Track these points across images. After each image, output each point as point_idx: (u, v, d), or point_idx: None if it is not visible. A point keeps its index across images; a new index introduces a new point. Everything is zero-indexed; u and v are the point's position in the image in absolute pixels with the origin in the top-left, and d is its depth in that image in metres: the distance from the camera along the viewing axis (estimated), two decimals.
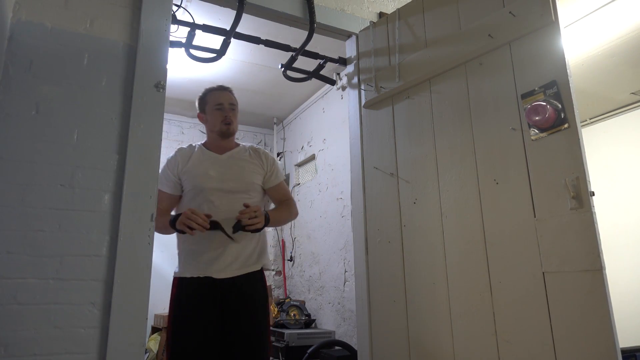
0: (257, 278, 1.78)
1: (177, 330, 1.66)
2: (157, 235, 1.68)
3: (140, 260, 1.58)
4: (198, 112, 1.95)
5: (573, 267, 1.34)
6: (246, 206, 1.69)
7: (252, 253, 1.78)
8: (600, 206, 1.63)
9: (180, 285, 1.73)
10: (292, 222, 3.90)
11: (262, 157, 1.92)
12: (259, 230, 1.72)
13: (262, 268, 1.81)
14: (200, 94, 1.94)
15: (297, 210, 2.01)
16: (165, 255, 3.85)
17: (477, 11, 1.75)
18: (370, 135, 2.18)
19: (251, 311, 1.72)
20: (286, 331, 3.32)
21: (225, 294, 1.69)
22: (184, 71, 3.42)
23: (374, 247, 2.07)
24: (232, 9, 2.09)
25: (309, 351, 2.97)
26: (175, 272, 1.79)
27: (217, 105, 1.86)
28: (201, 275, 1.70)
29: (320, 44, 2.61)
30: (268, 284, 1.90)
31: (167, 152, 1.73)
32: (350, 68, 2.38)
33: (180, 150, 1.88)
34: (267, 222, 1.75)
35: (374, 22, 2.29)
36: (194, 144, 1.92)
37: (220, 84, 1.99)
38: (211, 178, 1.78)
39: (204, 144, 1.91)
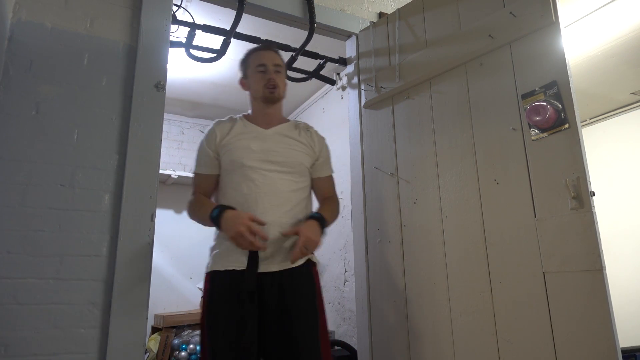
0: (303, 272, 1.51)
1: (209, 332, 1.43)
2: (157, 235, 1.68)
3: (140, 260, 1.58)
4: (240, 77, 1.71)
5: (573, 267, 1.34)
6: (285, 235, 1.47)
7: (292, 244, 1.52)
8: (601, 206, 1.63)
9: (213, 280, 1.48)
10: None
11: (314, 138, 1.67)
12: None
13: (309, 260, 1.55)
14: (242, 57, 1.71)
15: (339, 211, 1.74)
16: (166, 255, 3.86)
17: (478, 11, 1.75)
18: (370, 135, 2.18)
19: (297, 312, 1.45)
20: None
21: (265, 290, 1.45)
22: (184, 71, 3.41)
23: (374, 247, 2.07)
24: (232, 9, 2.09)
25: None
26: (207, 267, 1.54)
27: (259, 67, 1.62)
28: (237, 268, 1.45)
29: (320, 44, 2.61)
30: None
31: (167, 152, 1.68)
32: (350, 68, 2.38)
33: (218, 122, 1.64)
34: (324, 229, 1.53)
35: (374, 22, 2.29)
36: (234, 116, 1.67)
37: (267, 40, 1.75)
38: (253, 153, 1.54)
39: (245, 116, 1.67)
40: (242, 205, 1.48)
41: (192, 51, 2.26)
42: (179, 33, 2.12)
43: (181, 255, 3.85)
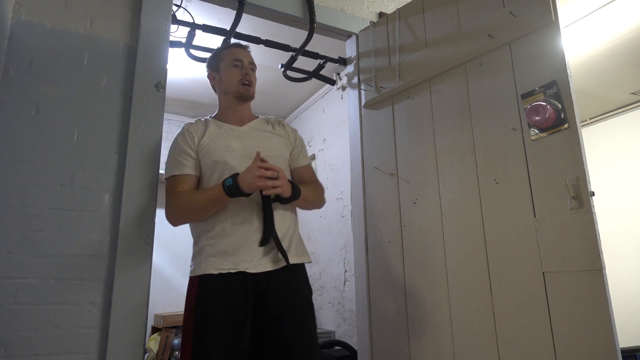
0: (298, 270, 1.49)
1: (198, 337, 1.35)
2: (157, 235, 1.68)
3: (140, 260, 1.58)
4: (208, 72, 1.66)
5: (573, 267, 1.34)
6: (262, 161, 1.38)
7: (289, 242, 1.49)
8: (601, 206, 1.63)
9: (202, 283, 1.40)
10: None
11: (287, 130, 1.66)
12: (288, 200, 1.45)
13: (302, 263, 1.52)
14: (213, 52, 1.67)
15: (324, 198, 1.70)
16: (166, 255, 3.86)
17: (477, 11, 1.75)
18: (370, 135, 2.18)
19: (295, 313, 1.42)
20: None
21: (260, 291, 1.41)
22: (184, 71, 3.41)
23: (374, 247, 2.07)
24: (232, 9, 2.09)
25: None
26: (190, 271, 1.46)
27: (235, 61, 1.58)
28: (232, 271, 1.39)
29: (320, 44, 2.61)
30: None
31: (167, 152, 1.63)
32: (350, 68, 2.38)
33: (188, 125, 1.57)
34: (297, 193, 1.46)
35: (374, 22, 2.29)
36: (202, 118, 1.61)
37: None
38: (235, 151, 1.50)
39: (216, 117, 1.62)
40: (230, 204, 1.44)
41: (192, 51, 2.26)
42: (179, 33, 2.12)
43: (181, 255, 3.84)
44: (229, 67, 1.59)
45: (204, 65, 1.74)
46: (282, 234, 1.47)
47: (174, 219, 1.51)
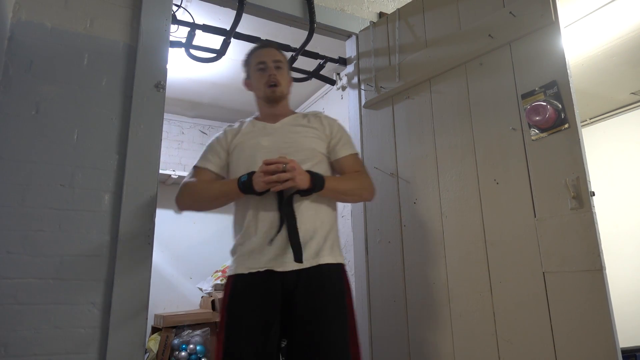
0: (332, 270, 1.41)
1: (230, 337, 1.34)
2: (157, 235, 1.67)
3: (140, 260, 1.58)
4: (244, 78, 1.67)
5: (573, 267, 1.34)
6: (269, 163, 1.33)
7: (322, 241, 1.42)
8: (601, 206, 1.63)
9: (234, 283, 1.41)
10: None
11: (323, 122, 1.58)
12: (307, 192, 1.38)
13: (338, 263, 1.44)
14: (244, 57, 1.67)
15: (374, 187, 1.56)
16: (165, 255, 3.86)
17: (477, 11, 1.75)
18: (370, 135, 2.18)
19: (323, 314, 1.35)
20: None
21: (289, 291, 1.37)
22: (184, 71, 3.41)
23: (374, 247, 2.07)
24: (232, 9, 2.08)
25: None
26: (228, 270, 1.46)
27: (259, 65, 1.57)
28: (261, 270, 1.37)
29: (320, 44, 2.61)
30: None
31: (167, 152, 1.65)
32: (350, 68, 2.38)
33: (228, 126, 1.61)
34: (318, 183, 1.38)
35: (374, 22, 2.29)
36: (244, 119, 1.63)
37: (266, 39, 1.68)
38: (264, 148, 1.47)
39: (255, 117, 1.63)
40: (258, 202, 1.41)
41: (192, 51, 2.26)
42: (179, 33, 2.12)
43: (181, 255, 3.84)
44: (255, 72, 1.59)
45: (204, 65, 1.74)
46: (312, 231, 1.40)
47: (182, 202, 1.50)
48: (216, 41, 2.25)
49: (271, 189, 1.34)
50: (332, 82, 3.00)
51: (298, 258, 1.36)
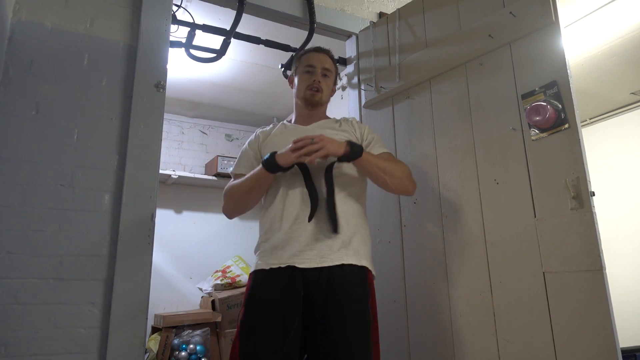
0: (355, 272, 1.39)
1: (246, 333, 1.34)
2: (157, 235, 1.67)
3: (140, 260, 1.58)
4: (290, 74, 1.70)
5: (573, 267, 1.34)
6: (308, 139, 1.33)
7: (347, 240, 1.41)
8: (601, 206, 1.63)
9: (255, 278, 1.41)
10: None
11: (354, 125, 1.62)
12: (346, 158, 1.37)
13: (363, 265, 1.42)
14: (298, 54, 1.71)
15: (415, 181, 1.56)
16: (165, 255, 3.85)
17: (478, 11, 1.75)
18: None
19: (341, 315, 1.32)
20: None
21: (310, 288, 1.35)
22: (184, 71, 3.41)
23: (374, 247, 2.06)
24: (232, 9, 2.09)
25: None
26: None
27: (307, 67, 1.60)
28: (282, 265, 1.36)
29: (320, 44, 2.59)
30: None
31: (167, 152, 1.66)
32: (350, 68, 2.38)
33: (262, 127, 1.65)
34: (356, 149, 1.37)
35: (374, 22, 2.29)
36: (276, 123, 1.67)
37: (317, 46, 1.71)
38: None
39: (288, 120, 1.68)
40: (285, 204, 1.43)
41: (192, 51, 2.26)
42: (179, 33, 2.11)
43: (181, 255, 3.84)
44: (302, 73, 1.61)
45: (204, 65, 1.75)
46: (343, 227, 1.40)
47: (227, 208, 1.55)
48: (216, 41, 2.25)
49: (305, 161, 1.34)
50: None
51: (335, 228, 1.37)
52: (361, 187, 1.56)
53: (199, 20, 2.27)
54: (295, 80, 1.64)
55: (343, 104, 3.59)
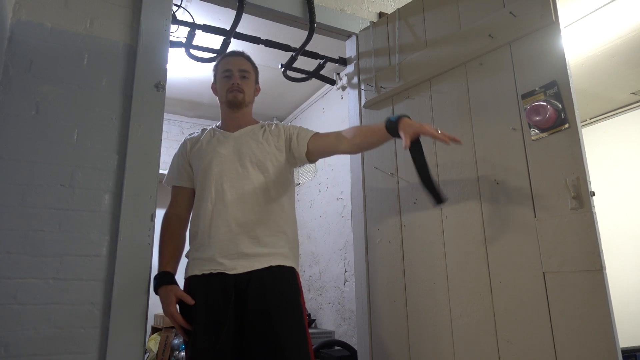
0: (283, 272, 1.48)
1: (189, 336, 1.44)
2: (157, 235, 1.67)
3: (140, 260, 1.58)
4: (212, 83, 1.75)
5: (573, 267, 1.34)
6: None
7: (274, 245, 1.50)
8: (601, 206, 1.63)
9: (190, 285, 1.50)
10: None
11: (279, 127, 1.66)
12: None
13: (289, 266, 1.51)
14: (215, 63, 1.75)
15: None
16: None
17: (478, 11, 1.75)
18: None
19: (277, 308, 1.42)
20: None
21: (241, 289, 1.44)
22: (184, 71, 3.41)
23: (374, 247, 2.07)
24: (232, 9, 2.08)
25: None
26: (185, 273, 1.56)
27: (225, 72, 1.65)
28: (213, 271, 1.45)
29: (320, 44, 2.61)
30: None
31: (167, 152, 1.68)
32: (350, 68, 2.38)
33: (189, 135, 1.72)
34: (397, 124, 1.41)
35: (374, 22, 2.29)
36: (205, 128, 1.72)
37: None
38: (221, 156, 1.56)
39: (216, 125, 1.71)
40: (202, 212, 1.52)
41: (192, 51, 2.26)
42: (179, 33, 2.12)
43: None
44: (221, 79, 1.67)
45: (204, 65, 1.76)
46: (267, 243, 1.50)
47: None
48: (216, 41, 2.25)
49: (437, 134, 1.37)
50: (332, 82, 3.00)
51: (439, 199, 1.40)
52: (282, 183, 1.60)
53: (199, 20, 2.28)
54: (217, 87, 1.70)
55: (343, 104, 3.59)
